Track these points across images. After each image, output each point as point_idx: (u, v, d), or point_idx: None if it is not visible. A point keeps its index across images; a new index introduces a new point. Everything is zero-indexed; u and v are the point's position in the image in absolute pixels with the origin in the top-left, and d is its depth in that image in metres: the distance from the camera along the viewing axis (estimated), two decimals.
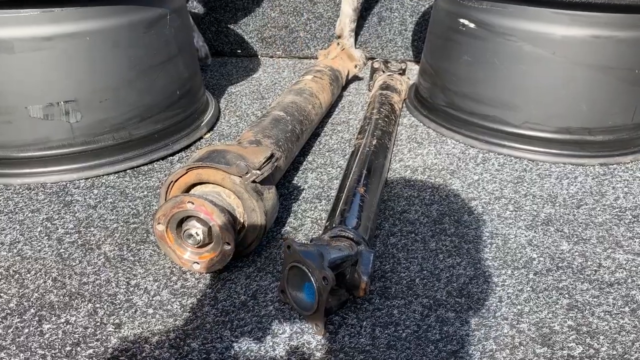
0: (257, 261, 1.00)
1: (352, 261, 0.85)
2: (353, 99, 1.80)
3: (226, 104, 1.72)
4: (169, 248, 0.93)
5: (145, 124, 1.32)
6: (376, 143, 1.24)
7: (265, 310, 0.88)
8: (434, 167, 1.35)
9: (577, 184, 1.30)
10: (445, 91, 1.55)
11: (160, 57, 1.32)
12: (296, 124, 1.26)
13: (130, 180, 1.26)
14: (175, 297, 0.91)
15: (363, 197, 1.02)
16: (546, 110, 1.39)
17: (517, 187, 1.28)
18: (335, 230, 0.91)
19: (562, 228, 1.13)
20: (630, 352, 0.82)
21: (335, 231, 0.91)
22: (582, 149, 1.40)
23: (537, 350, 0.82)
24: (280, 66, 2.12)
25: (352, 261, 0.86)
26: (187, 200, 0.87)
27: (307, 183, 1.27)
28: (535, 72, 1.37)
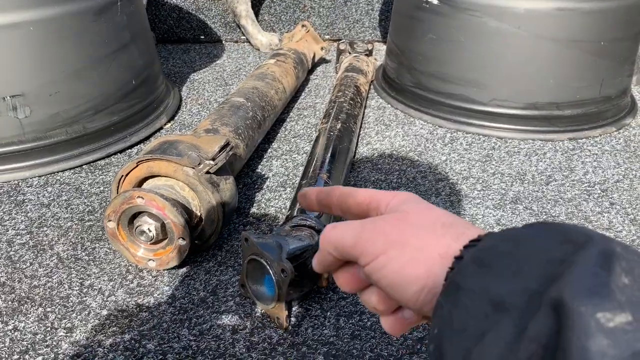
0: (218, 255, 0.96)
1: (313, 251, 0.82)
2: (320, 82, 1.75)
3: (188, 92, 1.67)
4: (122, 246, 0.89)
5: (100, 117, 1.26)
6: (341, 127, 1.20)
7: (225, 306, 0.85)
8: (402, 149, 1.32)
9: (546, 160, 1.28)
10: (412, 71, 1.51)
11: (112, 46, 1.26)
12: (257, 110, 1.22)
13: (87, 176, 1.21)
14: (131, 297, 0.87)
15: (327, 184, 0.99)
16: (513, 87, 1.36)
17: (485, 165, 1.25)
18: (296, 220, 0.88)
19: (530, 206, 1.11)
20: None
21: (296, 220, 0.88)
22: (550, 125, 1.38)
23: None
24: (245, 51, 2.06)
25: (314, 251, 0.82)
26: (137, 195, 0.83)
27: (272, 171, 1.23)
28: (501, 47, 1.34)
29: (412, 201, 0.39)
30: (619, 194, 1.15)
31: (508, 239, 0.30)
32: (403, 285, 0.34)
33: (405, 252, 0.34)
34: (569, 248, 0.27)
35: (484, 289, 0.28)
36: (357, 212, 0.43)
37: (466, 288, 0.29)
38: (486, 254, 0.30)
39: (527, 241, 0.29)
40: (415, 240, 0.35)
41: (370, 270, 0.36)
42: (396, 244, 0.35)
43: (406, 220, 0.36)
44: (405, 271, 0.34)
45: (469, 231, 0.35)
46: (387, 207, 0.40)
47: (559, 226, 0.29)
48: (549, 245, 0.28)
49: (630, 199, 1.13)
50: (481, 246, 0.31)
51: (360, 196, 0.42)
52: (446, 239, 0.34)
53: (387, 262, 0.35)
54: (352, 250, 0.37)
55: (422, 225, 0.36)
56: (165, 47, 2.11)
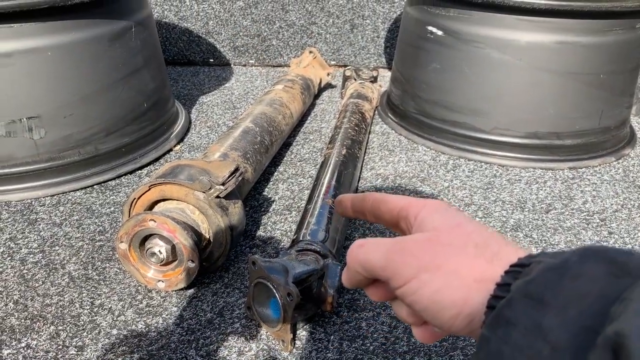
0: (225, 277, 0.99)
1: (318, 275, 0.85)
2: (326, 107, 1.79)
3: (197, 115, 1.71)
4: (133, 267, 0.91)
5: (111, 138, 1.30)
6: (346, 152, 1.24)
7: (232, 328, 0.87)
8: (405, 175, 1.35)
9: (547, 189, 1.31)
10: (416, 98, 1.55)
11: (125, 70, 1.30)
12: (265, 135, 1.25)
13: (97, 196, 1.24)
14: (140, 317, 0.89)
15: (331, 209, 1.02)
16: (515, 116, 1.40)
17: (487, 193, 1.28)
18: (302, 244, 0.90)
19: (530, 234, 1.13)
20: None
21: (301, 245, 0.90)
22: (551, 154, 1.42)
23: None
24: (253, 75, 2.11)
25: (319, 275, 0.85)
26: (149, 218, 0.86)
27: (278, 194, 1.26)
28: (503, 78, 1.38)
29: (442, 212, 0.38)
30: (617, 223, 1.17)
31: (557, 268, 0.29)
32: (437, 310, 0.33)
33: (438, 277, 0.34)
34: (623, 282, 0.26)
35: (537, 326, 0.27)
36: (389, 219, 0.42)
37: (518, 324, 0.28)
38: (535, 286, 0.29)
39: (577, 271, 0.28)
40: (448, 263, 0.34)
41: (403, 293, 0.35)
42: (428, 267, 0.34)
43: (437, 241, 0.35)
44: (440, 296, 0.33)
45: (504, 251, 0.34)
46: (416, 218, 0.39)
47: (609, 253, 0.28)
48: (601, 276, 0.27)
49: (628, 229, 1.15)
50: (529, 278, 0.30)
51: (391, 203, 0.42)
52: (480, 261, 0.33)
53: (419, 286, 0.34)
54: (382, 272, 0.37)
55: (454, 246, 0.35)
56: (174, 69, 2.16)
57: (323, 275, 0.85)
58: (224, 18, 2.16)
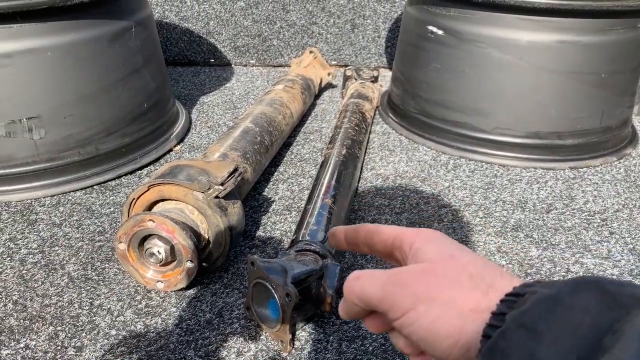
0: (224, 277, 0.98)
1: (317, 275, 0.85)
2: (326, 107, 1.79)
3: (197, 115, 1.71)
4: (132, 267, 0.91)
5: (112, 139, 1.30)
6: (346, 152, 1.23)
7: (231, 328, 0.87)
8: (405, 175, 1.35)
9: (547, 189, 1.31)
10: (416, 98, 1.55)
11: (125, 70, 1.30)
12: (265, 135, 1.25)
13: (97, 197, 1.24)
14: (139, 317, 0.89)
15: (331, 209, 1.01)
16: (515, 116, 1.39)
17: (488, 193, 1.28)
18: (301, 244, 0.90)
19: (531, 234, 1.13)
20: None
21: (300, 245, 0.90)
22: (552, 153, 1.41)
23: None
24: (254, 75, 2.11)
25: (318, 275, 0.85)
26: (148, 218, 0.86)
27: (278, 194, 1.26)
28: (504, 78, 1.38)
29: (435, 241, 0.39)
30: (618, 223, 1.17)
31: (550, 298, 0.30)
32: (434, 340, 0.34)
33: (434, 307, 0.34)
34: (615, 313, 0.27)
35: (531, 356, 0.28)
36: (382, 250, 0.43)
37: (512, 354, 0.29)
38: (529, 317, 0.29)
39: (570, 302, 0.29)
40: (443, 294, 0.35)
41: (400, 325, 0.36)
42: (424, 299, 0.35)
43: (432, 273, 0.36)
44: (436, 327, 0.34)
45: (498, 282, 0.34)
46: (410, 247, 0.40)
47: (601, 284, 0.29)
48: (594, 307, 0.28)
49: (629, 229, 1.15)
50: (524, 308, 0.30)
51: (384, 234, 0.42)
52: (475, 293, 0.34)
53: (416, 318, 0.35)
54: (379, 304, 0.37)
55: (448, 278, 0.35)
56: (175, 69, 2.16)
57: (322, 275, 0.85)
58: (225, 18, 2.16)
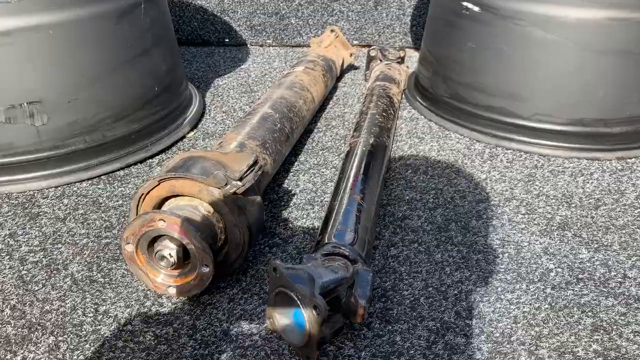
0: (242, 281, 0.89)
1: (348, 284, 0.75)
2: (349, 91, 1.68)
3: (212, 99, 1.60)
4: (140, 270, 0.82)
5: (120, 125, 1.20)
6: (373, 142, 1.13)
7: (250, 341, 0.78)
8: (437, 166, 1.24)
9: (594, 182, 1.19)
10: (448, 81, 1.43)
11: (134, 50, 1.20)
12: (285, 122, 1.15)
13: (105, 188, 1.15)
14: (148, 327, 0.80)
15: (360, 206, 0.91)
16: (558, 101, 1.27)
17: (529, 186, 1.17)
18: (329, 247, 0.80)
19: (580, 233, 1.02)
20: None
21: (328, 248, 0.80)
22: (597, 142, 1.29)
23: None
24: (271, 55, 2.00)
25: (348, 284, 0.75)
26: (158, 217, 0.77)
27: (299, 187, 1.16)
28: (546, 59, 1.25)
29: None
30: None
31: None
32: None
33: None
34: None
35: None
36: None
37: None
38: None
39: None
40: None
41: None
42: None
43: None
44: None
45: None
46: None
47: None
48: None
49: None
50: None
51: None
52: None
53: None
54: None
55: None
56: (188, 49, 2.05)
57: (353, 283, 0.75)
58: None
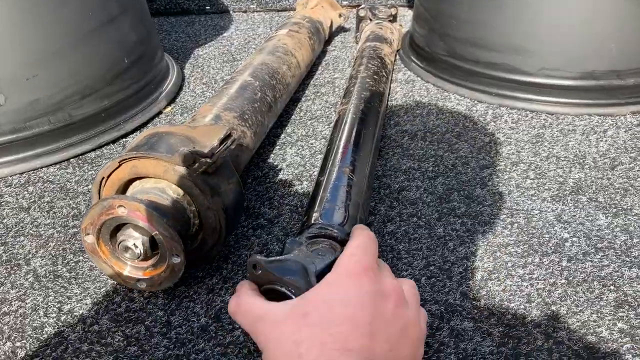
0: (223, 268, 0.80)
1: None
2: (339, 55, 1.56)
3: (192, 70, 1.49)
4: (105, 264, 0.73)
5: (88, 102, 1.10)
6: (364, 108, 1.02)
7: (231, 337, 0.69)
8: (437, 130, 1.14)
9: (608, 139, 1.09)
10: (445, 38, 1.31)
11: (97, 19, 1.09)
12: (267, 90, 1.04)
13: (74, 172, 1.05)
14: (117, 326, 0.71)
15: (350, 180, 0.81)
16: (566, 53, 1.16)
17: (537, 147, 1.06)
18: (314, 229, 0.70)
19: (596, 197, 0.92)
20: None
21: (314, 230, 0.71)
22: (610, 96, 1.18)
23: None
24: (255, 21, 1.87)
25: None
26: (118, 204, 0.67)
27: (286, 161, 1.06)
28: (552, 6, 1.14)
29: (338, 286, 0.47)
30: None
31: None
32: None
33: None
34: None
35: None
36: None
37: None
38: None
39: None
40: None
41: None
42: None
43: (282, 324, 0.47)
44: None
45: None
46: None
47: None
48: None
49: None
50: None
51: None
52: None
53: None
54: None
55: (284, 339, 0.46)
56: (167, 19, 1.93)
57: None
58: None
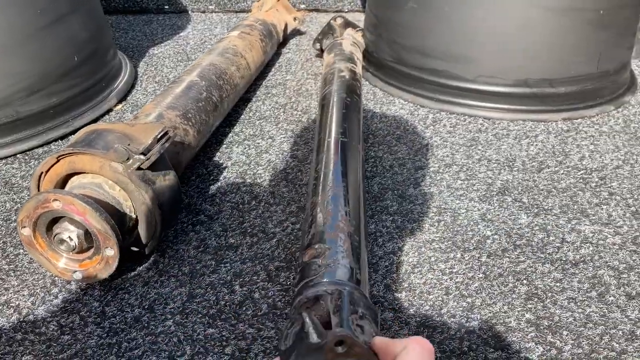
0: (160, 262, 0.83)
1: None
2: (292, 57, 1.60)
3: (145, 69, 1.51)
4: (42, 256, 0.75)
5: (35, 99, 1.11)
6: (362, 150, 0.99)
7: (163, 326, 0.72)
8: (379, 133, 1.18)
9: (538, 144, 1.15)
10: (392, 44, 1.37)
11: (46, 17, 1.10)
12: (213, 90, 1.07)
13: (20, 167, 1.06)
14: (52, 316, 0.74)
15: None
16: (502, 62, 1.22)
17: (471, 150, 1.12)
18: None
19: (520, 197, 0.98)
20: (598, 350, 0.69)
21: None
22: (543, 103, 1.25)
23: (489, 355, 0.68)
24: (213, 22, 1.90)
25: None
26: (52, 197, 0.69)
27: (231, 159, 1.09)
28: (488, 17, 1.20)
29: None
30: (618, 182, 1.03)
31: None
32: None
33: None
34: None
35: None
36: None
37: None
38: None
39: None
40: None
41: None
42: None
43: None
44: None
45: None
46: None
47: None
48: None
49: (631, 188, 1.01)
50: None
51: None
52: None
53: None
54: None
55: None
56: (125, 17, 1.94)
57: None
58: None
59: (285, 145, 1.14)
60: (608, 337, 0.71)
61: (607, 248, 0.86)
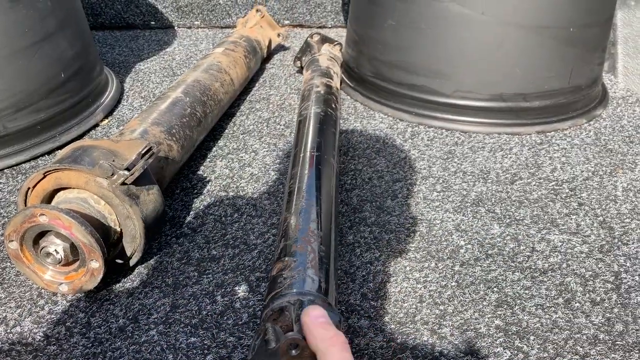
0: (144, 274, 0.86)
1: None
2: (276, 72, 1.64)
3: (131, 84, 1.54)
4: (28, 269, 0.78)
5: (23, 115, 1.14)
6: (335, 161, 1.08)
7: (147, 336, 0.75)
8: (359, 146, 1.22)
9: (512, 156, 1.20)
10: (372, 60, 1.41)
11: (34, 36, 1.13)
12: (197, 106, 1.10)
13: (7, 182, 1.08)
14: (39, 327, 0.76)
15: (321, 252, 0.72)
16: (478, 77, 1.27)
17: (447, 163, 1.16)
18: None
19: (493, 208, 1.02)
20: (562, 354, 0.73)
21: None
22: (517, 117, 1.30)
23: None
24: (199, 37, 1.93)
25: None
26: (39, 212, 0.72)
27: (215, 173, 1.13)
28: (464, 35, 1.25)
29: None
30: (588, 193, 1.07)
31: None
32: None
33: None
34: None
35: None
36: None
37: None
38: None
39: None
40: None
41: None
42: None
43: None
44: None
45: None
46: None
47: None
48: None
49: (599, 199, 1.05)
50: None
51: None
52: None
53: None
54: None
55: None
56: (112, 33, 1.97)
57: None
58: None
59: (268, 159, 1.17)
60: (572, 342, 0.74)
61: (575, 256, 0.90)
